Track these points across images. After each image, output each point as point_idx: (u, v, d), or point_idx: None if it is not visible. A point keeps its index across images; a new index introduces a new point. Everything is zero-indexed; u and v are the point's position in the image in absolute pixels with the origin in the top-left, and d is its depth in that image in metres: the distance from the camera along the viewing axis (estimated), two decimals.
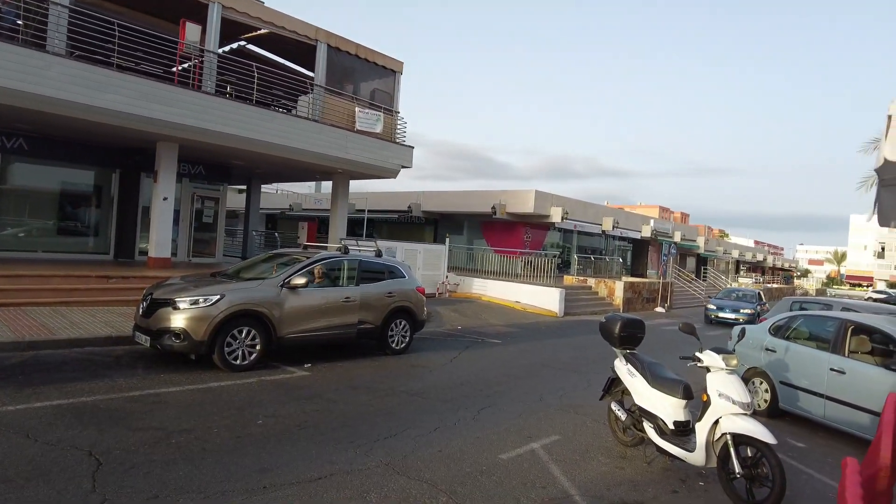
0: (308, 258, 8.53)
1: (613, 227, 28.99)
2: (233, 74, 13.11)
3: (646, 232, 32.54)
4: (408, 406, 6.58)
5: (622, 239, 33.51)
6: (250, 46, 15.82)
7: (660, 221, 37.29)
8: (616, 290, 22.06)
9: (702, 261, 43.28)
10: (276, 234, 26.08)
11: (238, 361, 7.45)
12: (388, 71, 16.46)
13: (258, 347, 7.62)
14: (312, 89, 14.48)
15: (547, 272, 20.40)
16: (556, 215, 24.77)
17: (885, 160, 1.84)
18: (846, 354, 6.77)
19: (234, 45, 15.68)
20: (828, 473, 5.57)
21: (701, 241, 40.99)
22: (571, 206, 26.29)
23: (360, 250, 9.85)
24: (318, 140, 14.05)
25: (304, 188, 37.66)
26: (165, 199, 12.88)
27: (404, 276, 9.73)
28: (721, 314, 20.24)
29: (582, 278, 23.54)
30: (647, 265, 35.34)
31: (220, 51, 13.33)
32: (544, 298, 18.51)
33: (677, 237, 35.69)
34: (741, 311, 19.94)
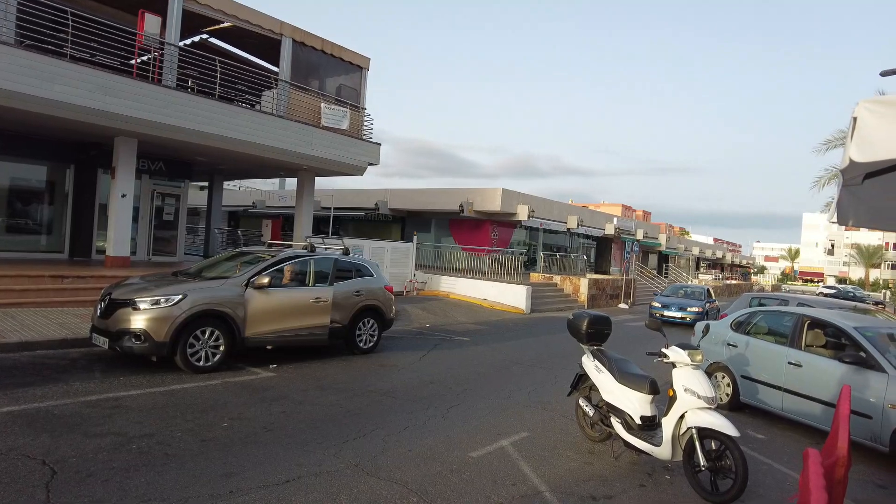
0: (273, 256, 8.36)
1: (578, 225, 29.40)
2: (195, 68, 12.75)
3: (609, 230, 33.10)
4: (377, 406, 6.52)
5: (586, 237, 33.99)
6: (213, 40, 15.43)
7: (622, 220, 38.00)
8: (581, 287, 22.37)
9: (663, 258, 44.27)
10: (239, 231, 25.54)
11: (201, 363, 7.26)
12: (354, 67, 16.28)
13: (222, 348, 7.44)
14: (277, 84, 14.22)
15: (514, 270, 20.53)
16: (522, 213, 24.96)
17: (851, 161, 1.88)
18: (803, 348, 7.00)
19: (196, 39, 15.27)
20: (786, 463, 5.75)
21: (662, 239, 41.89)
22: (537, 205, 26.54)
23: (326, 248, 9.71)
24: (283, 136, 13.81)
25: (268, 185, 37.09)
26: (124, 195, 12.46)
27: (372, 275, 9.64)
28: (667, 313, 18.66)
29: (548, 276, 23.78)
30: (610, 262, 35.97)
31: (182, 44, 12.94)
32: (511, 296, 18.63)
33: (639, 235, 36.43)
34: (688, 309, 18.61)
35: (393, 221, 29.57)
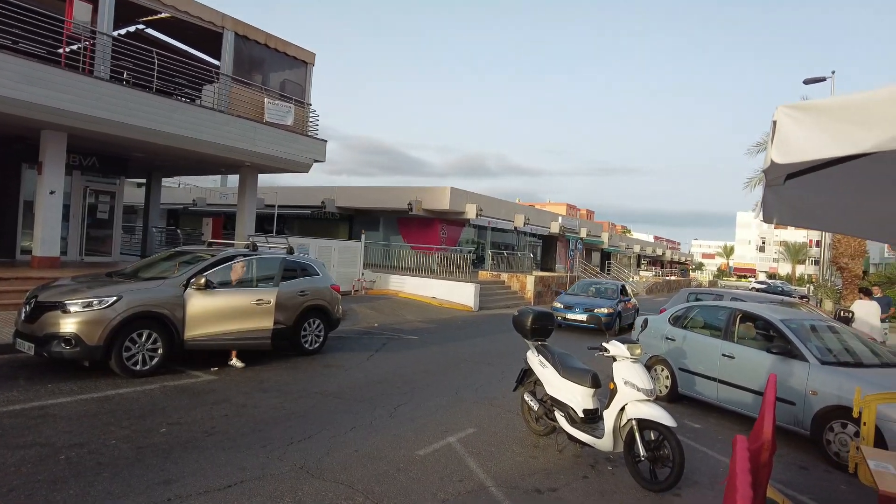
0: (213, 256, 8.11)
1: (525, 223, 29.87)
2: (130, 60, 12.20)
3: (554, 228, 33.78)
4: (322, 407, 6.43)
5: (533, 235, 34.58)
6: (150, 31, 14.81)
7: (567, 218, 38.86)
8: (527, 284, 22.74)
9: (606, 255, 45.55)
10: (179, 230, 24.62)
11: (138, 367, 6.97)
12: (299, 62, 15.99)
13: (160, 352, 7.17)
14: (218, 79, 13.79)
15: (462, 268, 20.69)
16: (471, 212, 25.15)
17: (772, 162, 1.99)
18: (735, 340, 7.36)
19: (132, 29, 14.62)
20: (719, 450, 6.02)
21: (605, 237, 43.09)
22: (485, 203, 26.79)
23: (269, 247, 9.50)
24: (224, 132, 13.41)
25: (210, 182, 35.88)
26: (52, 192, 11.80)
27: (318, 274, 9.49)
28: (570, 315, 15.22)
29: (496, 273, 24.05)
30: (555, 260, 36.71)
31: (115, 33, 12.37)
32: (460, 294, 18.75)
33: (583, 233, 37.36)
34: (597, 310, 14.93)
35: (340, 220, 29.20)
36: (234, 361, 8.06)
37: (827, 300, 22.28)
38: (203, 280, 7.54)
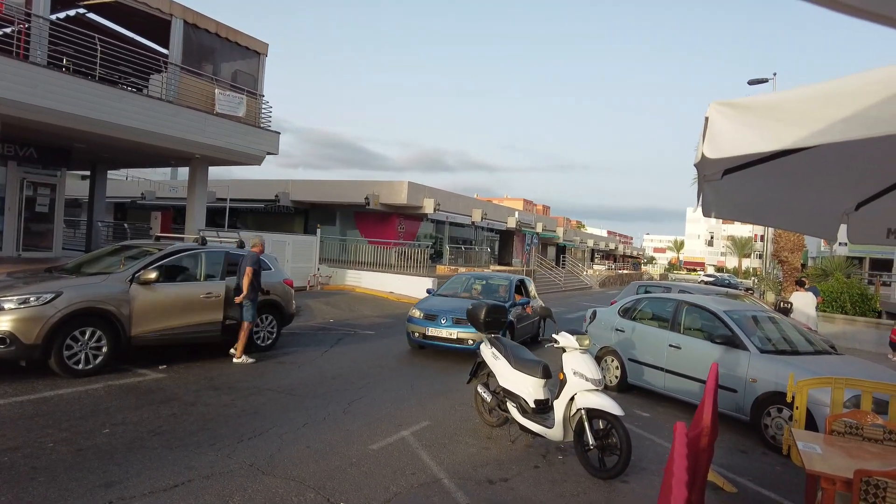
0: (160, 250, 7.86)
1: (482, 218, 30.06)
2: (70, 45, 11.64)
3: (511, 223, 34.13)
4: (274, 404, 6.33)
5: (490, 230, 34.84)
6: (92, 15, 14.17)
7: (524, 213, 39.30)
8: None
9: (561, 250, 46.31)
10: (126, 225, 23.76)
11: (81, 366, 6.70)
12: (251, 52, 15.59)
13: (105, 350, 6.92)
14: (167, 68, 13.32)
15: (420, 262, 20.68)
16: (428, 206, 25.15)
17: (704, 156, 2.06)
18: (681, 331, 7.61)
19: (72, 13, 13.96)
20: (666, 438, 6.22)
21: (560, 232, 43.80)
22: (443, 198, 26.82)
23: (220, 242, 9.27)
24: (173, 123, 12.96)
25: (159, 175, 34.72)
26: None
27: (270, 269, 9.32)
28: (432, 330, 9.61)
29: (454, 268, 24.15)
30: (512, 254, 37.12)
31: (54, 17, 11.78)
32: (418, 288, 18.72)
33: (539, 228, 37.89)
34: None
35: (295, 214, 28.74)
36: (242, 358, 8.11)
37: (769, 292, 23.25)
38: (150, 274, 7.31)
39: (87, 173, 20.43)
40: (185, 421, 5.52)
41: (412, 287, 18.77)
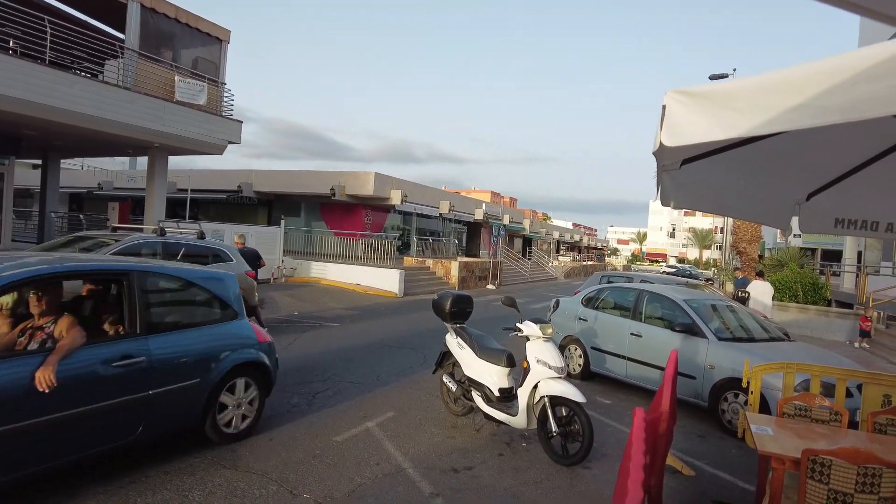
0: (117, 241, 7.62)
1: (450, 210, 30.06)
2: (17, 27, 11.13)
3: (479, 215, 34.24)
4: None
5: (458, 222, 34.90)
6: None
7: (491, 205, 39.48)
8: (452, 269, 22.96)
9: (527, 241, 46.74)
10: (82, 216, 22.91)
11: None
12: (213, 39, 15.18)
13: None
14: (123, 53, 12.86)
15: (388, 254, 20.56)
16: (396, 198, 24.99)
17: (662, 145, 2.09)
18: (643, 320, 7.76)
19: None
20: (627, 424, 6.35)
21: (527, 224, 44.16)
22: (411, 190, 26.70)
23: (181, 233, 9.04)
24: (130, 110, 12.54)
25: (117, 164, 33.61)
26: None
27: (231, 260, 9.12)
28: None
29: (421, 259, 24.11)
30: (479, 246, 37.29)
31: None
32: (385, 280, 18.67)
33: (506, 220, 38.15)
34: None
35: (259, 205, 28.20)
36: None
37: (728, 282, 23.95)
38: None
39: (39, 162, 19.61)
40: None
41: (379, 279, 18.68)
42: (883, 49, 1.56)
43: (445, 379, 6.07)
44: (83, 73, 12.95)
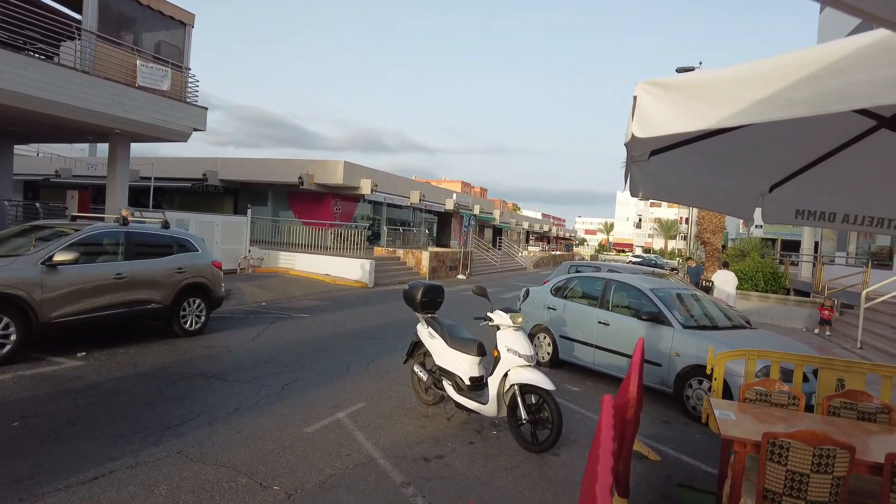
0: (76, 231, 7.37)
1: (421, 200, 29.98)
2: None
3: (449, 205, 34.24)
4: (204, 389, 6.11)
5: (428, 211, 34.82)
6: None
7: (462, 196, 39.50)
8: (423, 259, 22.95)
9: (498, 232, 46.98)
10: (38, 204, 22.06)
11: None
12: (176, 22, 14.73)
13: (13, 338, 6.45)
14: (80, 35, 12.38)
15: (357, 244, 20.41)
16: (365, 187, 24.77)
17: (633, 136, 2.11)
18: (610, 309, 7.89)
19: None
20: (596, 411, 6.47)
21: (497, 214, 44.37)
22: (381, 179, 26.50)
23: (144, 222, 8.80)
24: (88, 95, 12.10)
25: (76, 151, 32.48)
26: None
27: (197, 250, 8.93)
28: None
29: (391, 249, 24.01)
30: (450, 236, 37.32)
31: None
32: (355, 270, 18.53)
33: (476, 210, 38.23)
34: None
35: (225, 193, 27.61)
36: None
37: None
38: (65, 256, 6.84)
39: None
40: (107, 410, 5.24)
41: (349, 269, 18.55)
42: (845, 45, 1.60)
43: (416, 369, 6.08)
44: (38, 56, 12.41)
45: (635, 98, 2.07)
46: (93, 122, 12.83)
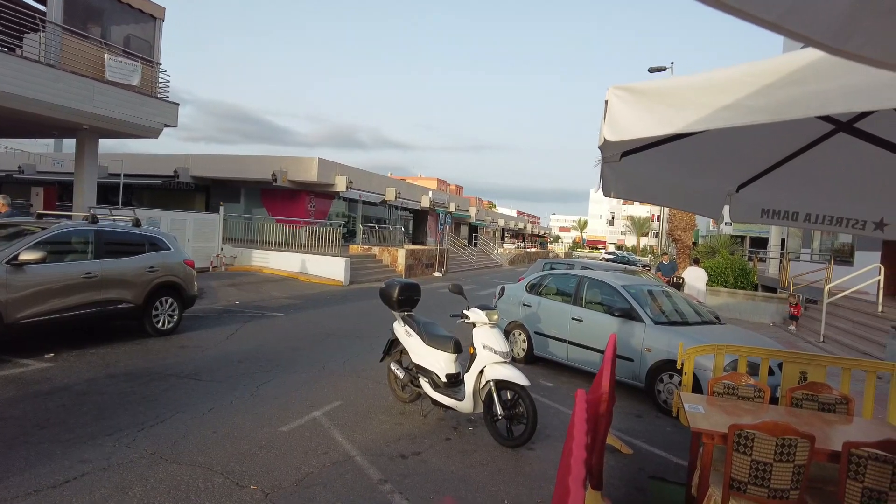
0: (43, 229, 7.21)
1: (396, 197, 29.92)
2: None
3: (425, 203, 34.25)
4: (178, 390, 6.05)
5: (404, 209, 34.79)
6: None
7: (437, 193, 39.56)
8: (399, 257, 22.93)
9: (473, 229, 47.15)
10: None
11: None
12: (146, 16, 14.44)
13: None
14: (44, 27, 12.06)
15: (332, 242, 20.30)
16: (340, 184, 24.63)
17: (605, 139, 2.18)
18: (583, 305, 8.02)
19: None
20: (569, 406, 6.58)
21: (473, 212, 44.53)
22: (356, 176, 26.38)
23: (114, 220, 8.64)
24: (54, 89, 11.79)
25: (41, 146, 31.54)
26: None
27: (169, 248, 8.80)
28: None
29: (367, 247, 23.93)
30: (426, 234, 37.34)
31: None
32: (330, 268, 18.44)
33: (452, 208, 38.32)
34: None
35: (196, 191, 27.19)
36: None
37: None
38: (33, 255, 6.69)
39: None
40: (77, 412, 5.16)
41: (324, 267, 18.44)
42: (803, 56, 1.69)
43: (393, 366, 6.11)
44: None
45: (607, 102, 2.14)
46: (59, 118, 12.53)
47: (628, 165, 3.43)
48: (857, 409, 4.24)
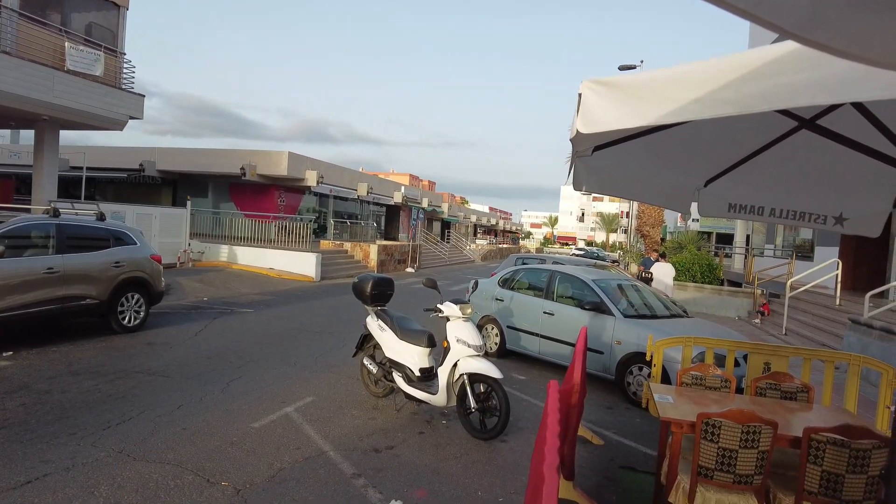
0: (1, 223, 6.97)
1: (368, 192, 29.71)
2: None
3: (397, 198, 34.11)
4: (145, 387, 5.92)
5: (376, 204, 34.58)
6: None
7: (410, 188, 39.41)
8: (371, 253, 22.81)
9: (446, 225, 47.18)
10: None
11: None
12: (109, 3, 14.03)
13: None
14: (0, 13, 11.61)
15: (303, 237, 20.07)
16: (311, 179, 24.35)
17: (578, 132, 2.20)
18: (555, 299, 8.11)
19: None
20: (542, 399, 6.66)
21: (445, 208, 44.53)
22: (327, 171, 26.11)
23: (76, 214, 8.39)
24: (10, 78, 11.39)
25: None
26: None
27: (135, 243, 8.59)
28: None
29: (338, 243, 23.75)
30: (398, 229, 37.20)
31: None
32: (300, 264, 18.24)
33: (425, 203, 38.26)
34: None
35: (163, 185, 26.57)
36: None
37: (633, 263, 25.43)
38: None
39: None
40: (39, 411, 5.01)
41: (295, 263, 18.24)
42: (769, 51, 1.73)
43: (366, 361, 6.08)
44: None
45: (580, 95, 2.16)
46: (16, 107, 12.12)
47: (600, 160, 3.48)
48: (817, 397, 4.39)
